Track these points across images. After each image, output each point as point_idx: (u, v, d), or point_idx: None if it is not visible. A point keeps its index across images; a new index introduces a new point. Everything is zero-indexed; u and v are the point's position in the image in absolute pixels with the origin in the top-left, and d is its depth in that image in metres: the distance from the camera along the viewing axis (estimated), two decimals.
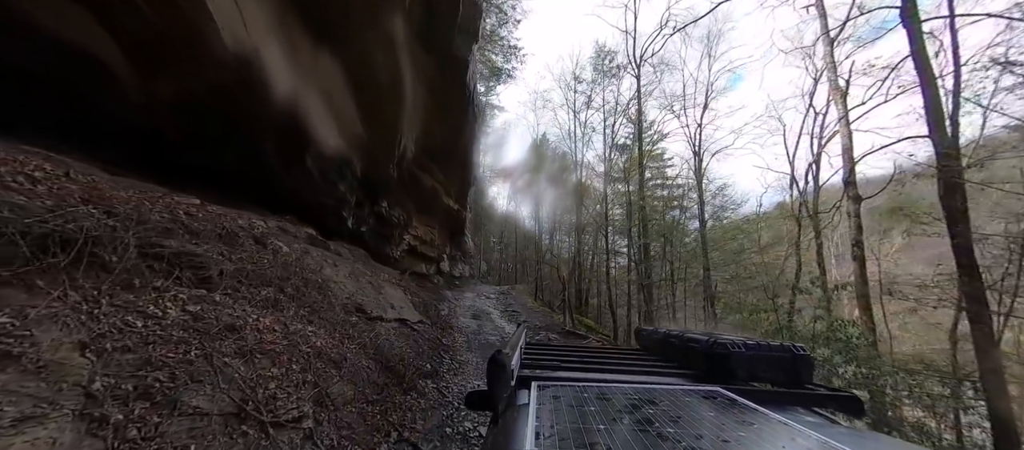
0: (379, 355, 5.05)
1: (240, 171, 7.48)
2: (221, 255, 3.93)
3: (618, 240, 20.82)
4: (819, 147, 14.59)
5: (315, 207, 9.87)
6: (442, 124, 12.23)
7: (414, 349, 6.62)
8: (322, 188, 9.28)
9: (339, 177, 9.59)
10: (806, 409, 1.37)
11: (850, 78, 10.91)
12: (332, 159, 8.71)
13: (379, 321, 6.26)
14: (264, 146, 7.38)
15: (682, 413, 1.06)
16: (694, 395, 1.28)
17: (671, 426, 0.94)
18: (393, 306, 7.32)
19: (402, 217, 15.17)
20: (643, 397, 1.23)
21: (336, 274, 6.08)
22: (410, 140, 11.21)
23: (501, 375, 1.13)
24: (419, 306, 9.00)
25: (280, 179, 8.13)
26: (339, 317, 5.03)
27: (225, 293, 3.58)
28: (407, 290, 9.16)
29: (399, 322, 7.18)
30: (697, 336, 1.89)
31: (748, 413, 1.09)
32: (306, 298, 4.70)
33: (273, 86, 6.55)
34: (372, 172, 11.00)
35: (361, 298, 6.15)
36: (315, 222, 10.33)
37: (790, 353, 1.60)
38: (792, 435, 0.90)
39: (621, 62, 17.88)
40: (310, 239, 6.85)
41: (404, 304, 8.06)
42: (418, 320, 8.15)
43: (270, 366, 3.15)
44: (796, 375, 1.56)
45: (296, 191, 8.84)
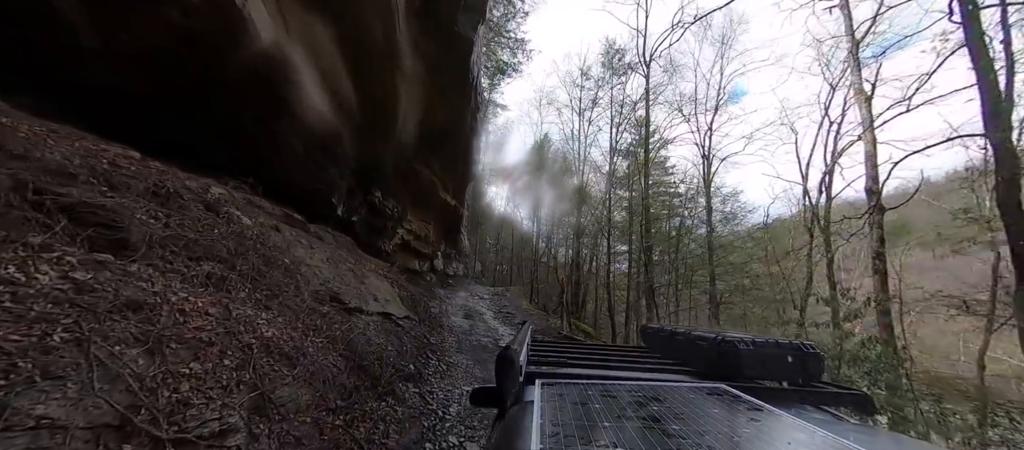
0: (351, 352, 4.22)
1: (219, 145, 6.66)
2: (151, 217, 3.10)
3: (617, 246, 20.09)
4: (834, 157, 13.96)
5: (303, 192, 9.06)
6: (442, 109, 11.44)
7: (396, 347, 5.78)
8: (310, 169, 8.46)
9: (329, 159, 8.76)
10: (815, 407, 1.34)
11: (876, 82, 10.26)
12: (320, 136, 7.89)
13: (358, 313, 5.43)
14: (242, 113, 6.56)
15: (688, 410, 1.04)
16: (700, 392, 1.26)
17: (677, 423, 0.92)
18: (377, 298, 6.49)
19: (396, 209, 14.33)
20: (648, 394, 1.22)
21: (311, 257, 5.26)
22: (408, 123, 10.41)
23: (509, 371, 1.13)
24: (407, 301, 8.17)
25: (262, 154, 7.31)
26: (306, 305, 4.19)
27: (148, 263, 2.76)
28: (395, 283, 8.34)
29: (382, 316, 6.35)
30: (704, 333, 1.84)
31: (754, 410, 1.06)
32: (266, 280, 3.87)
33: (253, 40, 5.74)
34: (365, 156, 10.18)
35: (338, 286, 5.32)
36: (303, 207, 9.52)
37: (799, 350, 1.55)
38: (799, 432, 0.88)
39: (630, 60, 17.22)
40: (286, 218, 6.02)
41: (390, 297, 7.24)
42: (404, 316, 7.32)
43: (189, 360, 2.32)
44: (805, 373, 1.51)
45: (282, 171, 8.03)
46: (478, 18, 9.93)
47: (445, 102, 11.19)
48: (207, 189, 4.19)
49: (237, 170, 7.12)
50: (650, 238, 13.41)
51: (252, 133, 6.77)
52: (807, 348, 1.58)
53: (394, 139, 10.07)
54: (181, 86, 5.63)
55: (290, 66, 6.38)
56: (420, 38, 8.79)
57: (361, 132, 8.83)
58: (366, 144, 9.50)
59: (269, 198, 6.90)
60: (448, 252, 23.24)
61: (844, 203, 14.77)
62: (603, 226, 16.93)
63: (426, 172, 14.57)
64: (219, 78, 5.78)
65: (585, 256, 19.16)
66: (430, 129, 11.85)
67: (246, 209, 4.74)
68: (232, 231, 3.86)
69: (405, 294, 8.41)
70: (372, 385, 4.17)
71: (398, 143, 10.85)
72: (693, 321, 14.38)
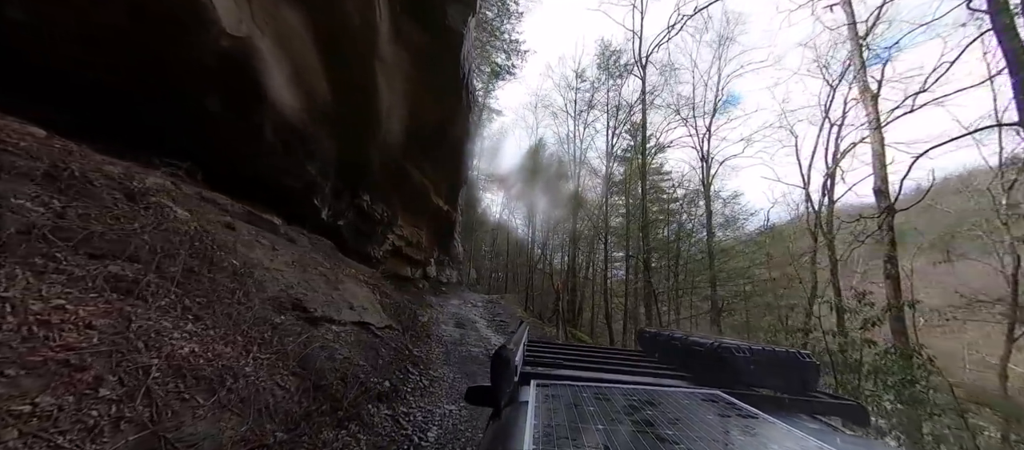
0: (307, 369, 3.54)
1: (184, 136, 6.02)
2: (39, 205, 2.45)
3: (614, 253, 19.48)
4: (835, 159, 13.48)
5: (280, 191, 8.40)
6: (432, 107, 10.85)
7: (371, 361, 5.10)
8: (285, 165, 7.81)
9: (306, 154, 8.12)
10: (810, 416, 1.33)
11: (882, 80, 9.79)
12: (295, 128, 7.26)
13: (326, 323, 4.76)
14: (207, 100, 5.93)
15: (682, 415, 1.03)
16: (695, 398, 1.24)
17: (670, 428, 0.91)
18: (353, 306, 5.82)
19: (386, 214, 13.68)
20: (643, 398, 1.20)
21: (272, 260, 4.59)
22: (393, 120, 9.80)
23: (504, 371, 1.12)
24: (390, 308, 7.49)
25: (231, 148, 6.67)
26: (255, 314, 3.52)
27: (18, 260, 2.11)
28: (377, 289, 7.66)
29: (358, 326, 5.68)
30: (701, 339, 1.82)
31: (749, 418, 1.05)
32: (203, 284, 3.21)
33: (218, 22, 5.15)
34: (349, 155, 9.55)
35: (303, 292, 4.65)
36: (280, 207, 8.90)
37: (796, 359, 1.55)
38: (793, 441, 0.88)
39: (626, 61, 16.78)
40: (249, 216, 5.35)
41: (370, 305, 6.56)
42: (385, 325, 6.63)
43: (35, 391, 1.66)
44: (801, 382, 1.50)
45: (251, 165, 7.38)
46: (469, 11, 9.40)
47: (436, 100, 10.61)
48: (133, 177, 3.53)
49: (203, 161, 6.49)
50: (648, 242, 12.82)
51: (218, 122, 6.13)
52: (804, 357, 1.56)
53: (379, 136, 9.46)
54: (140, 71, 5.02)
55: (255, 49, 5.78)
56: (404, 25, 8.22)
57: (339, 124, 8.20)
58: (348, 139, 8.88)
59: (234, 194, 6.24)
60: (441, 259, 22.52)
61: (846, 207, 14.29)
62: (600, 230, 16.32)
63: (417, 175, 13.95)
64: (180, 62, 5.18)
65: (581, 263, 18.54)
66: (420, 129, 11.26)
67: (189, 202, 4.08)
68: (160, 226, 3.20)
69: (388, 301, 7.73)
70: (331, 409, 3.49)
71: (384, 141, 10.24)
72: (694, 329, 13.75)
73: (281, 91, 6.63)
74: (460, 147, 13.97)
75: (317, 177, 8.92)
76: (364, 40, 7.56)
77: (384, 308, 7.25)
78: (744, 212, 12.99)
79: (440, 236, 20.98)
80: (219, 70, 5.60)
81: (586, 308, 18.01)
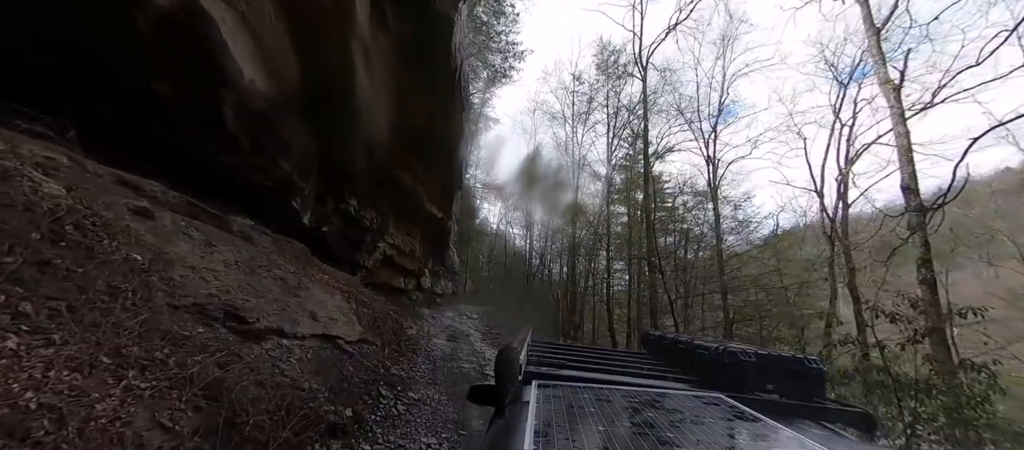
0: (218, 400, 2.57)
1: (136, 128, 5.17)
2: None
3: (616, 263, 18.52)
4: (848, 161, 12.66)
5: (251, 189, 7.52)
6: (421, 103, 10.03)
7: (331, 383, 4.11)
8: (255, 161, 6.93)
9: (280, 150, 7.24)
10: (814, 422, 1.27)
11: (905, 69, 9.01)
12: (263, 117, 6.39)
13: (272, 337, 3.80)
14: (156, 85, 5.07)
15: (684, 418, 1.02)
16: (697, 401, 1.22)
17: (671, 431, 0.89)
18: (316, 316, 4.86)
19: (376, 221, 12.74)
20: (645, 400, 1.19)
21: (202, 257, 3.65)
22: (378, 116, 8.96)
23: (509, 371, 1.12)
24: (367, 320, 6.52)
25: (186, 139, 5.79)
26: (150, 324, 2.58)
27: None
28: (354, 298, 6.69)
29: (320, 340, 4.71)
30: (705, 343, 1.78)
31: (751, 422, 1.03)
32: (61, 280, 2.29)
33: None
34: (331, 153, 8.69)
35: (244, 298, 3.70)
36: (255, 211, 8.02)
37: (802, 365, 1.51)
38: (793, 445, 0.85)
39: (626, 61, 16.08)
40: (186, 207, 4.42)
41: (341, 315, 5.60)
42: (359, 339, 5.66)
43: None
44: (807, 387, 1.45)
45: (217, 161, 6.52)
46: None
47: (424, 95, 9.79)
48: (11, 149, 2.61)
49: (189, 173, 5.67)
50: (653, 243, 11.88)
51: (168, 107, 5.26)
52: (810, 362, 1.52)
53: (361, 131, 8.59)
54: (80, 45, 4.19)
55: (206, 18, 4.93)
56: (386, 6, 7.43)
57: (316, 117, 7.34)
58: (327, 135, 8.00)
59: (201, 193, 5.34)
60: (436, 269, 21.46)
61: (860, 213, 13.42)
62: (602, 237, 15.37)
63: (408, 180, 13.07)
64: (126, 36, 4.34)
65: (581, 272, 17.55)
66: (409, 127, 10.41)
67: (80, 179, 3.15)
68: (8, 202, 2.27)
69: (367, 312, 6.75)
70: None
71: (369, 139, 9.38)
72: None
73: (244, 73, 5.77)
74: (453, 149, 13.13)
75: (293, 176, 8.02)
76: (339, 22, 6.75)
77: (360, 319, 6.27)
78: (755, 216, 12.12)
79: (435, 245, 19.98)
80: (164, 42, 4.75)
81: (587, 319, 16.93)
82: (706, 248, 12.30)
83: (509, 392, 1.11)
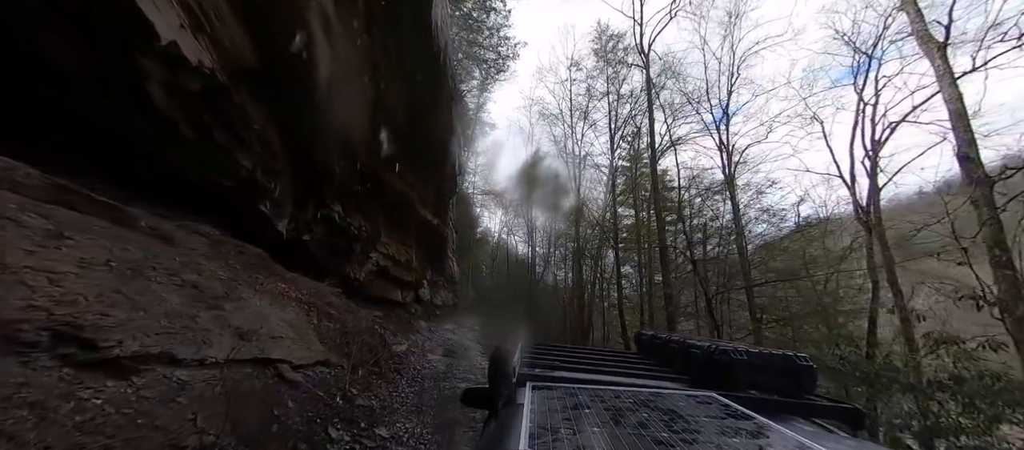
0: None
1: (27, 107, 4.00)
2: None
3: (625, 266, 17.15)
4: (875, 142, 11.35)
5: (209, 193, 6.37)
6: (401, 91, 8.90)
7: (244, 427, 2.84)
8: (204, 155, 5.78)
9: (235, 142, 6.07)
10: (806, 419, 1.30)
11: (950, 24, 7.76)
12: (208, 97, 5.22)
13: (150, 367, 2.55)
14: (49, 44, 3.92)
15: (678, 417, 1.00)
16: (691, 400, 1.21)
17: (665, 430, 0.88)
18: (246, 335, 3.61)
19: (365, 229, 11.50)
20: (639, 400, 1.17)
21: (28, 253, 2.43)
22: (351, 101, 7.79)
23: (501, 372, 1.15)
24: (333, 337, 5.25)
25: (104, 125, 4.64)
26: None
27: None
28: (315, 311, 5.43)
29: (250, 366, 3.44)
30: (698, 342, 1.79)
31: (744, 420, 1.02)
32: None
33: None
34: (301, 147, 7.53)
35: (101, 313, 2.46)
36: (224, 219, 6.85)
37: (792, 362, 1.50)
38: (788, 443, 0.85)
39: (627, 46, 14.96)
40: (58, 190, 3.20)
41: (290, 333, 4.34)
42: (313, 362, 4.38)
43: None
44: (797, 385, 1.46)
45: (160, 158, 5.38)
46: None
47: (405, 80, 8.65)
48: None
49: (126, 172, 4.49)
50: (664, 241, 10.57)
51: (76, 82, 4.11)
52: (800, 360, 1.50)
53: (331, 119, 7.40)
54: None
55: None
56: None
57: (271, 99, 6.16)
58: (289, 124, 6.83)
59: (153, 196, 4.15)
60: (435, 280, 20.13)
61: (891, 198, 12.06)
62: (608, 234, 14.04)
63: (397, 182, 11.85)
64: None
65: (587, 276, 16.19)
66: (389, 119, 9.26)
67: None
68: None
69: (333, 328, 5.47)
70: None
71: (345, 134, 8.21)
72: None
73: (164, 38, 4.61)
74: (443, 146, 11.94)
75: (256, 174, 6.81)
76: None
77: (322, 336, 5.00)
78: (777, 205, 10.77)
79: (432, 255, 18.69)
80: None
81: (597, 326, 15.54)
82: (726, 242, 10.97)
83: (502, 395, 1.13)
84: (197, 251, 4.29)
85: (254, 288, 4.52)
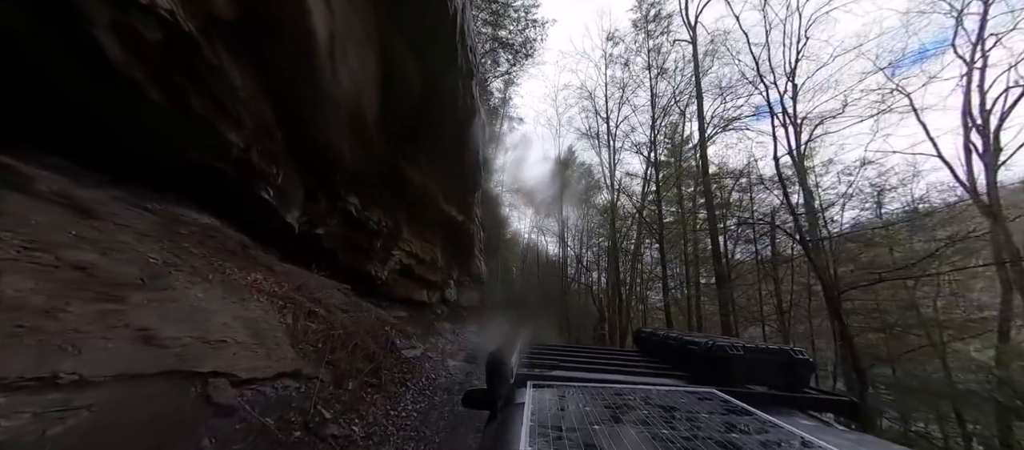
0: None
1: None
2: None
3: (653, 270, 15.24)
4: (983, 113, 8.97)
5: (200, 176, 5.55)
6: (414, 64, 7.80)
7: None
8: (187, 128, 4.90)
9: (219, 113, 5.14)
10: (803, 412, 1.29)
11: None
12: (175, 55, 4.27)
13: None
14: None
15: (678, 413, 0.99)
16: (690, 396, 1.21)
17: (666, 426, 0.87)
18: (156, 339, 2.52)
19: (386, 224, 10.53)
20: (639, 397, 1.16)
21: None
22: (356, 75, 6.74)
23: (499, 373, 1.11)
24: (314, 340, 4.11)
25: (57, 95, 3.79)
26: None
27: None
28: (295, 307, 4.31)
29: (164, 382, 2.34)
30: (695, 338, 1.78)
31: (743, 415, 1.02)
32: None
33: None
34: (303, 130, 6.57)
35: None
36: (226, 209, 6.10)
37: (788, 357, 1.49)
38: (785, 436, 0.85)
39: (669, 13, 13.18)
40: None
41: (247, 335, 3.23)
42: (278, 374, 3.24)
43: None
44: (794, 379, 1.44)
45: (130, 130, 4.54)
46: None
47: (417, 51, 7.53)
48: None
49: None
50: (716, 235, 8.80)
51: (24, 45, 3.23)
52: (796, 354, 1.49)
53: (334, 90, 6.38)
54: None
55: None
56: None
57: (258, 63, 5.17)
58: (284, 94, 5.86)
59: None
60: (462, 280, 19.02)
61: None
62: (653, 227, 12.25)
63: (416, 174, 10.77)
64: None
65: (624, 276, 14.47)
66: (402, 97, 8.19)
67: None
68: None
69: (316, 329, 4.34)
70: None
71: (353, 111, 7.21)
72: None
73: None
74: (464, 132, 10.76)
75: (252, 155, 5.88)
76: None
77: (297, 339, 3.87)
78: (879, 185, 8.55)
79: (458, 253, 17.59)
80: None
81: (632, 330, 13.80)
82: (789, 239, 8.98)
83: (501, 395, 1.10)
84: (130, 228, 3.26)
85: (206, 277, 3.44)
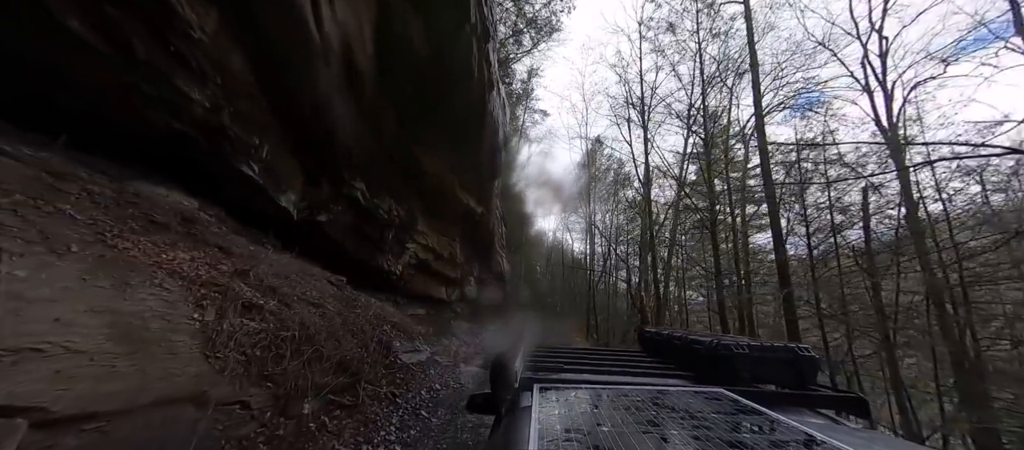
0: None
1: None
2: None
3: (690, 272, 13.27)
4: None
5: (168, 143, 4.54)
6: (417, 18, 6.52)
7: None
8: (140, 83, 3.84)
9: (178, 64, 4.02)
10: (811, 410, 1.24)
11: None
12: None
13: None
14: None
15: (686, 414, 0.96)
16: (698, 396, 1.15)
17: (675, 427, 0.85)
18: None
19: (398, 213, 9.33)
20: (646, 398, 1.12)
21: None
22: (346, 26, 5.51)
23: (504, 377, 1.08)
24: (254, 346, 2.90)
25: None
26: None
27: None
28: (223, 298, 3.10)
29: None
30: (700, 337, 1.73)
31: (752, 414, 0.98)
32: None
33: None
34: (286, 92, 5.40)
35: None
36: (206, 189, 5.11)
37: (794, 354, 1.44)
38: (796, 435, 0.81)
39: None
40: None
41: (116, 338, 2.05)
42: (153, 402, 2.03)
43: None
44: (800, 376, 1.41)
45: (62, 82, 3.51)
46: None
47: (415, 8, 6.26)
48: None
49: None
50: (779, 227, 6.98)
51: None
52: (802, 351, 1.44)
53: (319, 37, 5.16)
54: None
55: None
56: None
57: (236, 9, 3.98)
58: (254, 38, 4.68)
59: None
60: (482, 276, 17.71)
61: None
62: (698, 214, 10.43)
63: (429, 159, 9.49)
64: None
65: (659, 273, 12.67)
66: (406, 57, 6.91)
67: None
68: None
69: (256, 328, 3.10)
70: None
71: (346, 69, 6.00)
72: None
73: None
74: (479, 106, 9.41)
75: (224, 118, 4.77)
76: None
77: (220, 343, 2.64)
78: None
79: (478, 248, 16.27)
80: None
81: None
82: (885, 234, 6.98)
83: (505, 399, 1.08)
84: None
85: (65, 249, 2.24)
